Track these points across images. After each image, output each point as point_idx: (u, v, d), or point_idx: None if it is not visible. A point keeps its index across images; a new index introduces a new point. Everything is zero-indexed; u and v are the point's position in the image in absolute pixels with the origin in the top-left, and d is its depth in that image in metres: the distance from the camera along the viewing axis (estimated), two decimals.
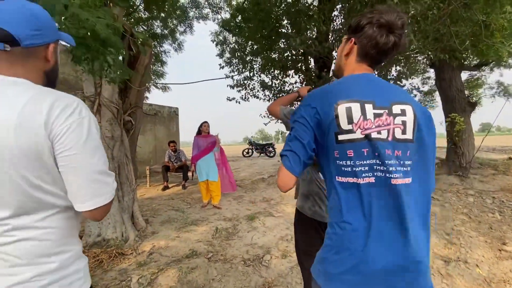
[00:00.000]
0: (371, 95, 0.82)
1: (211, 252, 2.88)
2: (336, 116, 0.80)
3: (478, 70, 6.97)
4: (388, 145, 0.80)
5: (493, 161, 6.96)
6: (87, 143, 0.67)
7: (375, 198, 0.79)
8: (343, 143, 0.81)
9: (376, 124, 0.80)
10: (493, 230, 3.42)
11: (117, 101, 3.11)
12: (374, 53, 0.87)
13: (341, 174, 0.82)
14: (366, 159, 0.80)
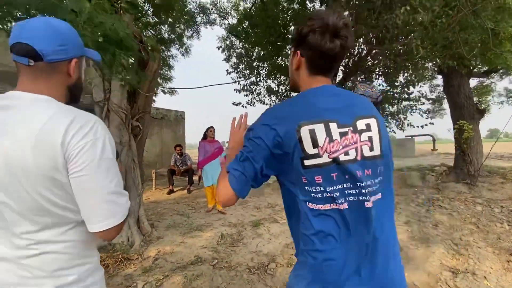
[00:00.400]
0: (333, 112, 0.76)
1: (216, 259, 2.88)
2: (300, 139, 0.73)
3: (487, 77, 6.88)
4: (358, 166, 0.74)
5: (501, 169, 6.83)
6: (100, 164, 0.67)
7: (350, 224, 0.74)
8: (310, 168, 0.74)
9: (343, 145, 0.74)
10: (502, 240, 3.35)
11: (126, 106, 3.15)
12: (324, 62, 0.80)
13: (312, 201, 0.75)
14: (336, 184, 0.74)
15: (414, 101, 6.11)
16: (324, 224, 0.75)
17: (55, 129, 0.64)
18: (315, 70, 0.82)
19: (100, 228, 0.69)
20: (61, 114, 0.67)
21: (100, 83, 2.98)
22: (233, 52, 7.64)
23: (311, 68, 0.82)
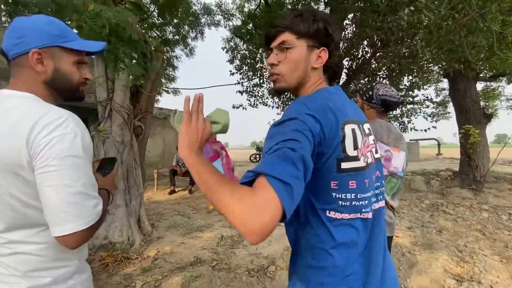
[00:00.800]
0: (356, 114, 0.72)
1: (215, 260, 2.86)
2: (343, 138, 0.63)
3: (495, 80, 6.79)
4: (373, 169, 0.72)
5: (509, 175, 6.72)
6: (66, 160, 0.62)
7: (371, 234, 0.69)
8: (347, 172, 0.64)
9: (366, 147, 0.70)
10: (509, 249, 3.26)
11: (128, 106, 3.16)
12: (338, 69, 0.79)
13: (336, 209, 0.65)
14: (366, 192, 0.68)
15: (418, 104, 6.04)
16: (348, 236, 0.66)
17: (22, 126, 0.61)
18: (333, 67, 0.76)
19: (60, 232, 0.61)
20: (33, 111, 0.64)
21: (103, 82, 2.99)
22: (237, 53, 7.66)
23: (331, 64, 0.75)
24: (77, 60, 0.76)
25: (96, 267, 2.57)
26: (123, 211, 3.12)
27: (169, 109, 9.42)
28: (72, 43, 0.74)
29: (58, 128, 0.62)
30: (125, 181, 3.17)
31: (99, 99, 3.00)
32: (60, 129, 0.63)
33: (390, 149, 1.48)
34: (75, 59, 0.76)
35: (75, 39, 0.76)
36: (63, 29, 0.74)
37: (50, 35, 0.71)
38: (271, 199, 0.47)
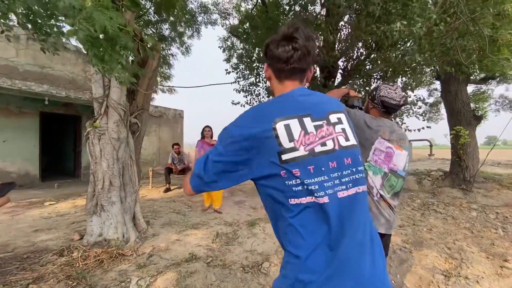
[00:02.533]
0: (306, 109, 0.80)
1: (210, 257, 2.89)
2: (276, 135, 0.75)
3: (485, 83, 6.96)
4: (335, 156, 0.77)
5: (498, 176, 6.89)
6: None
7: (331, 218, 0.73)
8: (288, 162, 0.74)
9: (319, 136, 0.78)
10: (495, 246, 3.37)
11: (125, 103, 3.16)
12: (284, 67, 0.85)
13: (293, 195, 0.74)
14: (313, 177, 0.74)
15: (411, 105, 6.15)
16: (308, 218, 0.74)
17: None
18: (281, 76, 0.88)
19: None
20: None
21: (99, 79, 2.99)
22: (234, 52, 7.67)
23: (277, 75, 0.89)
24: None
25: (91, 263, 2.58)
26: (118, 208, 3.12)
27: (165, 107, 9.41)
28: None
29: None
30: (120, 178, 3.17)
31: (95, 95, 3.00)
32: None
33: (392, 147, 1.47)
34: None
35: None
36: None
37: None
38: (187, 182, 0.88)
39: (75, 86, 6.04)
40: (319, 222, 0.73)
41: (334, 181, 0.75)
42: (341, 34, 4.99)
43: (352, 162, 0.80)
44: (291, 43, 0.82)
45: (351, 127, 0.87)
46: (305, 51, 0.83)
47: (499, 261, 2.97)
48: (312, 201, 0.73)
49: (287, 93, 0.86)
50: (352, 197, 0.77)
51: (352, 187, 0.78)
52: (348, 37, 4.71)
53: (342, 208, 0.74)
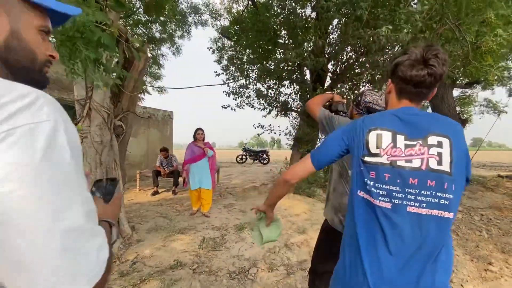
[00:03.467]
0: (404, 128, 0.87)
1: (196, 263, 2.83)
2: (367, 141, 0.88)
3: (470, 88, 7.14)
4: (418, 174, 0.82)
5: (482, 178, 7.06)
6: (42, 172, 0.35)
7: (388, 223, 0.82)
8: (368, 164, 0.87)
9: (406, 153, 0.84)
10: (480, 249, 3.43)
11: (108, 105, 3.07)
12: (409, 89, 0.90)
13: (363, 189, 0.89)
14: (386, 184, 0.84)
15: None
16: (367, 215, 0.87)
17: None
18: (402, 95, 0.94)
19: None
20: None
21: (82, 80, 2.89)
22: (225, 53, 7.63)
23: (398, 93, 0.95)
24: (42, 27, 0.50)
25: None
26: None
27: (153, 108, 9.25)
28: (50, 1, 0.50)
29: (25, 111, 0.35)
30: None
31: (77, 97, 2.90)
32: (28, 113, 0.35)
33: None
34: (39, 23, 0.50)
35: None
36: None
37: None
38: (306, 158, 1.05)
39: (60, 86, 5.86)
40: (374, 221, 0.85)
41: (408, 195, 0.82)
42: (330, 38, 5.02)
43: (436, 186, 0.81)
44: (427, 69, 0.84)
45: (455, 155, 0.83)
46: (438, 78, 0.85)
47: (484, 264, 3.01)
48: (374, 202, 0.85)
49: (396, 109, 0.93)
50: (424, 216, 0.81)
51: (426, 208, 0.81)
52: (337, 41, 4.74)
53: (409, 221, 0.81)
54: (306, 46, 4.33)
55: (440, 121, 0.89)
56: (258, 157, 15.50)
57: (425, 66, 0.84)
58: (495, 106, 7.09)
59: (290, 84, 5.75)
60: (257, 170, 11.48)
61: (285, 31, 5.22)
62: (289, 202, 5.28)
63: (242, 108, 6.25)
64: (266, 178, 8.53)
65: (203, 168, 4.54)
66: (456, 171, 0.82)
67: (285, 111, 5.77)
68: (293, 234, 3.75)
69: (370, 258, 0.83)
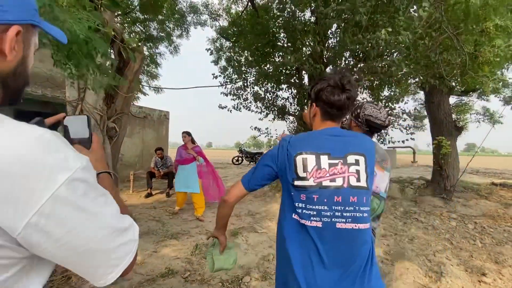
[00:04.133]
0: (327, 148, 0.96)
1: (188, 271, 2.77)
2: (295, 165, 0.95)
3: (466, 95, 7.19)
4: (341, 192, 0.91)
5: (476, 185, 7.10)
6: (84, 207, 0.42)
7: (321, 241, 0.90)
8: (298, 188, 0.94)
9: (330, 173, 0.93)
10: (474, 258, 3.43)
11: (101, 107, 3.00)
12: (332, 111, 1.02)
13: (296, 213, 0.95)
14: (315, 205, 0.91)
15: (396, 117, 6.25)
16: (300, 235, 0.94)
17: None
18: (326, 117, 1.05)
19: (105, 283, 0.49)
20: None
21: (74, 81, 2.82)
22: (223, 54, 7.56)
23: (323, 115, 1.05)
24: (36, 46, 0.52)
25: (57, 279, 2.40)
26: None
27: (149, 108, 9.14)
28: (44, 25, 0.51)
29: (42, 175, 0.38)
30: None
31: (68, 98, 2.82)
32: (50, 179, 0.39)
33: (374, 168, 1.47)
34: (37, 44, 0.52)
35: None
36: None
37: (31, 6, 0.47)
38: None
39: (54, 84, 5.74)
40: (308, 241, 0.92)
41: (335, 212, 0.90)
42: (329, 42, 4.99)
43: (357, 201, 0.92)
44: (345, 93, 0.97)
45: (369, 171, 0.96)
46: (353, 100, 1.00)
47: (477, 275, 3.01)
48: (305, 223, 0.92)
49: (320, 131, 1.04)
50: (350, 231, 0.90)
51: (351, 222, 0.90)
52: (336, 46, 4.71)
53: (339, 237, 0.90)
54: (304, 50, 4.30)
55: (358, 139, 1.02)
56: (254, 159, 15.47)
57: (342, 91, 0.97)
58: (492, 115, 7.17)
59: (288, 88, 5.71)
60: None
61: (284, 34, 5.18)
62: None
63: (239, 110, 6.20)
64: None
65: (190, 173, 4.57)
66: (370, 184, 0.97)
67: (282, 115, 5.73)
68: None
69: (306, 275, 0.90)
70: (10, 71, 0.45)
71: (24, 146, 0.37)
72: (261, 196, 6.08)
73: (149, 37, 9.07)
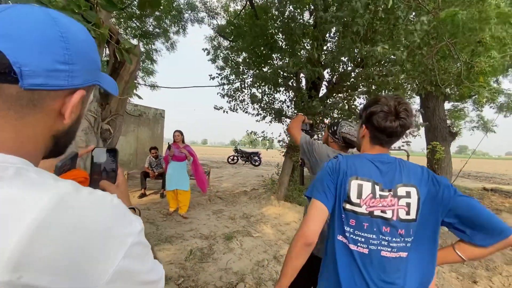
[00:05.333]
0: (380, 178, 0.95)
1: (182, 277, 2.74)
2: (349, 189, 0.95)
3: (461, 102, 7.28)
4: (390, 224, 0.92)
5: (468, 190, 7.22)
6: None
7: (365, 266, 0.92)
8: (349, 212, 0.94)
9: (382, 204, 0.93)
10: (465, 265, 3.48)
11: (96, 109, 2.93)
12: (383, 137, 0.98)
13: (344, 236, 0.95)
14: (364, 232, 0.92)
15: None
16: (345, 258, 0.95)
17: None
18: (375, 142, 1.02)
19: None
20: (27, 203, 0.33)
21: None
22: (220, 52, 7.49)
23: (372, 140, 1.02)
24: None
25: None
26: None
27: (145, 106, 9.03)
28: (103, 80, 0.50)
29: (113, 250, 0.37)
30: None
31: None
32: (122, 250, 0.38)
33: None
34: (91, 99, 0.52)
35: None
36: None
37: (97, 66, 0.46)
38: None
39: None
40: (353, 264, 0.93)
41: (382, 241, 0.92)
42: (327, 45, 4.97)
43: (405, 233, 0.92)
44: (398, 120, 0.93)
45: (420, 202, 0.93)
46: (407, 129, 0.96)
47: (469, 283, 3.05)
48: (351, 248, 0.93)
49: (373, 156, 1.01)
50: (394, 259, 0.92)
51: (396, 251, 0.92)
52: (334, 50, 4.70)
53: (382, 263, 0.91)
54: (303, 54, 4.28)
55: (409, 169, 0.98)
56: (250, 158, 15.43)
57: (396, 118, 0.93)
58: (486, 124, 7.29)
59: (286, 91, 5.69)
60: (248, 172, 11.42)
61: (282, 36, 5.14)
62: (279, 210, 5.24)
63: (235, 111, 6.16)
64: (257, 182, 8.47)
65: (181, 169, 4.64)
66: (421, 216, 0.93)
67: (279, 118, 5.71)
68: (283, 245, 3.71)
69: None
70: (64, 130, 0.45)
71: (109, 219, 0.38)
72: (256, 198, 6.07)
73: (145, 33, 8.95)
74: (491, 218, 0.87)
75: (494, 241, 0.87)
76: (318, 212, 0.95)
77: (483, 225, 0.88)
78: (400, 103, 0.94)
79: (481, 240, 0.89)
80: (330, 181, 0.99)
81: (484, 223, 0.87)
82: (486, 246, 0.89)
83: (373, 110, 0.97)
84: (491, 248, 0.88)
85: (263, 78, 4.85)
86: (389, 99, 0.96)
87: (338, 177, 0.98)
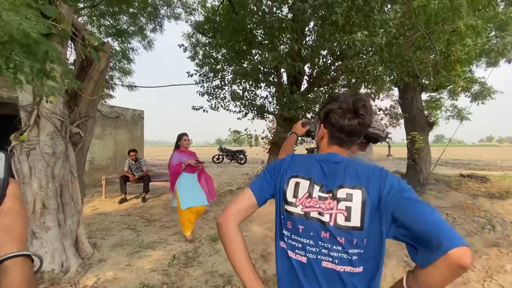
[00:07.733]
0: (322, 177, 0.87)
1: (165, 284, 2.62)
2: (285, 188, 0.89)
3: (437, 92, 7.51)
4: (328, 229, 0.81)
5: (446, 177, 7.48)
6: None
7: (306, 278, 0.83)
8: (287, 213, 0.88)
9: (320, 205, 0.83)
10: None
11: (62, 111, 2.72)
12: (341, 136, 0.91)
13: (283, 241, 0.90)
14: (300, 237, 0.84)
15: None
16: (286, 265, 0.88)
17: None
18: (333, 141, 0.94)
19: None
20: None
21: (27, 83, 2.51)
22: (200, 49, 7.28)
23: (330, 139, 0.95)
24: None
25: None
26: (54, 234, 2.69)
27: (122, 108, 8.66)
28: None
29: None
30: (57, 199, 2.73)
31: (21, 103, 2.52)
32: None
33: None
34: None
35: None
36: None
37: None
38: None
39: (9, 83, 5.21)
40: (294, 276, 0.85)
41: (322, 249, 0.81)
42: (307, 40, 4.94)
43: (345, 242, 0.79)
44: (357, 118, 0.86)
45: (366, 206, 0.79)
46: (367, 126, 0.89)
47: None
48: (290, 255, 0.86)
49: (323, 155, 0.93)
50: (338, 272, 0.80)
51: (338, 264, 0.80)
52: (313, 43, 4.67)
53: (325, 276, 0.80)
54: (282, 49, 4.21)
55: (358, 170, 0.85)
56: (235, 157, 15.30)
57: (355, 115, 0.87)
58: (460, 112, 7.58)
59: (267, 86, 5.61)
60: (234, 171, 11.29)
61: (261, 31, 5.05)
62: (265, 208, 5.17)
63: (216, 110, 6.01)
64: (243, 180, 8.37)
65: (195, 182, 3.80)
66: (371, 222, 0.78)
67: (261, 114, 5.63)
68: (270, 243, 3.65)
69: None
70: None
71: None
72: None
73: (120, 31, 8.54)
74: (431, 225, 0.65)
75: (429, 260, 0.63)
76: (242, 197, 0.93)
77: (422, 235, 0.66)
78: (358, 99, 0.87)
79: (420, 258, 0.67)
80: (269, 177, 0.96)
81: (422, 233, 0.65)
82: (422, 266, 0.66)
83: (330, 108, 0.91)
84: (432, 270, 0.63)
85: (243, 74, 4.74)
86: (347, 96, 0.90)
87: (278, 175, 0.94)
